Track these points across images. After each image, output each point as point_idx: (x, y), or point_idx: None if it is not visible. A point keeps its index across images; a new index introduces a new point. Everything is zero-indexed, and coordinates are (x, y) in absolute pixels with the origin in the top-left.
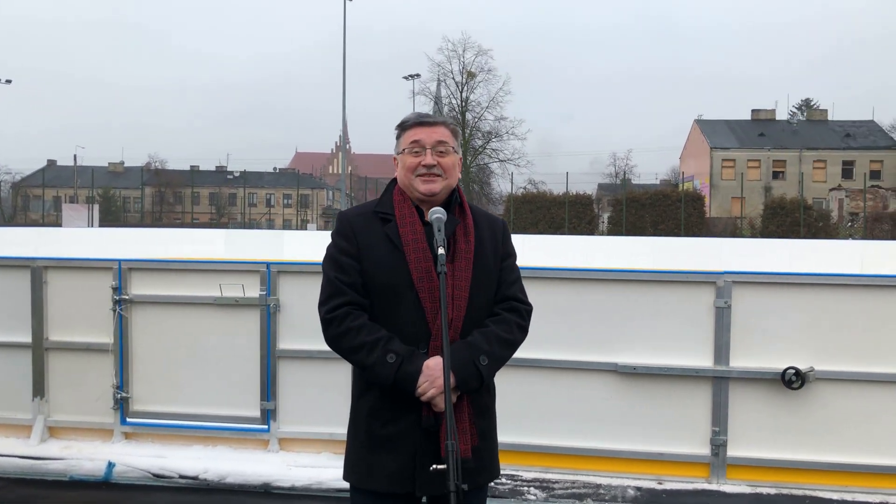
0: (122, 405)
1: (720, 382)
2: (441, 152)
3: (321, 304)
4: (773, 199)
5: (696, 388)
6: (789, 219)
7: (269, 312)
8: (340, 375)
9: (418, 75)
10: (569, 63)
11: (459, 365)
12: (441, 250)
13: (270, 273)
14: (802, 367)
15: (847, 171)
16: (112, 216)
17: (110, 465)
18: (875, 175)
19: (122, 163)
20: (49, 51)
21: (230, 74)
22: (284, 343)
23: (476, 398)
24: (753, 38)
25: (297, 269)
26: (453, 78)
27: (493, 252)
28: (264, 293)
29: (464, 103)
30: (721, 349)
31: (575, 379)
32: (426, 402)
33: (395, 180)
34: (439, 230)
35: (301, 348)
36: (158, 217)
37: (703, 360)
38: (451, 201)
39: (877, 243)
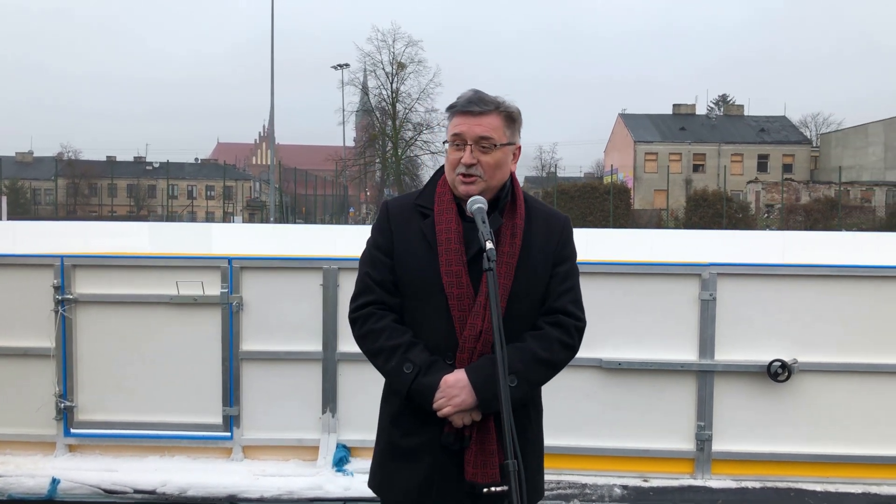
0: (65, 415)
1: (705, 376)
2: (484, 148)
3: (350, 302)
4: (695, 192)
5: (681, 382)
6: (711, 210)
7: (231, 311)
8: (309, 378)
9: (347, 65)
10: (488, 66)
11: (481, 383)
12: (489, 244)
13: (233, 269)
14: (788, 359)
15: (762, 164)
16: (21, 209)
17: (54, 482)
18: (787, 168)
19: (32, 153)
20: None
21: (152, 70)
22: (248, 344)
23: (519, 416)
24: (668, 42)
25: (262, 265)
26: (383, 68)
27: (545, 257)
28: (226, 291)
29: (394, 94)
30: (706, 342)
31: (559, 375)
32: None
33: (442, 168)
34: (483, 221)
35: (266, 349)
36: (73, 210)
37: (687, 353)
38: (501, 198)
39: (795, 233)
